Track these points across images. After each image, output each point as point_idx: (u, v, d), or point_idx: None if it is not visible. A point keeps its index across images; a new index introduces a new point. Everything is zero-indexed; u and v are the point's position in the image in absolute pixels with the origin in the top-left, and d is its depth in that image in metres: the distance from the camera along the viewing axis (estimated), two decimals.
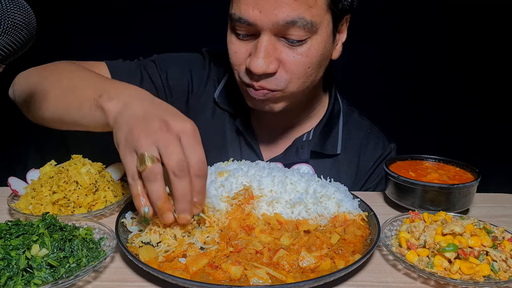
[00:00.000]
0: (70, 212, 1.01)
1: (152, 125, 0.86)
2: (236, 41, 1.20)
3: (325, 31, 1.16)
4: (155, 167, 0.83)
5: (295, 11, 1.08)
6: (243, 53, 1.20)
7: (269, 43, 1.13)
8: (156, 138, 0.84)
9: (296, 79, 1.18)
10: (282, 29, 1.11)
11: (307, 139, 1.39)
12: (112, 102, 0.97)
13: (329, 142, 1.41)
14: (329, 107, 1.44)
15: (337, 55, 1.29)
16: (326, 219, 0.99)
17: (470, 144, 2.36)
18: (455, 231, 0.85)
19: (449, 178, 1.13)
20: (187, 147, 0.86)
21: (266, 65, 1.13)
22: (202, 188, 0.89)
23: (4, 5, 0.78)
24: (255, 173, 1.07)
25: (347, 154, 1.43)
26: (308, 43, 1.14)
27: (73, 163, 1.09)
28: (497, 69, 2.47)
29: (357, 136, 1.46)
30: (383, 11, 2.31)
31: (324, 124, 1.41)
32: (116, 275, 0.82)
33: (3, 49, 0.79)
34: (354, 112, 1.51)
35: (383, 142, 1.48)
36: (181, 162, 0.84)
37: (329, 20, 1.17)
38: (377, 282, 0.82)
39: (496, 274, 0.80)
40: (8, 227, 0.82)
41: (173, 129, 0.86)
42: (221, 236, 0.90)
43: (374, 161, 1.44)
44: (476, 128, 2.46)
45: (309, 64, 1.17)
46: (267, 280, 0.77)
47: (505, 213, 1.15)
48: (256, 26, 1.12)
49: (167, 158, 0.84)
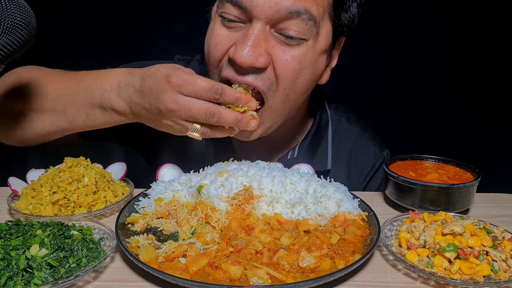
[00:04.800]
0: (70, 212, 1.01)
1: (161, 114, 0.97)
2: (220, 29, 1.05)
3: (323, 41, 1.07)
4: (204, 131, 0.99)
5: (303, 1, 0.98)
6: (225, 45, 1.04)
7: (261, 33, 1.00)
8: (176, 118, 0.97)
9: (283, 89, 1.06)
10: (280, 20, 0.99)
11: (292, 157, 1.28)
12: (116, 104, 1.06)
13: (317, 157, 1.30)
14: (316, 118, 1.33)
15: (325, 80, 1.20)
16: (326, 219, 0.99)
17: (470, 144, 2.36)
18: (455, 231, 0.85)
19: (449, 178, 1.13)
20: (191, 94, 0.95)
21: (255, 56, 0.99)
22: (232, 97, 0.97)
23: (4, 5, 0.78)
24: (255, 173, 1.07)
25: (338, 168, 1.32)
26: (304, 47, 1.04)
27: (73, 164, 1.09)
28: (498, 69, 2.47)
29: (345, 147, 1.35)
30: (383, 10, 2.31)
31: (311, 138, 1.30)
32: (116, 275, 0.82)
33: (3, 49, 0.80)
34: (342, 119, 1.38)
35: (374, 150, 1.37)
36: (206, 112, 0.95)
37: (329, 30, 1.08)
38: (377, 282, 0.82)
39: (496, 274, 0.80)
40: (8, 227, 0.82)
41: (170, 101, 0.95)
42: (221, 236, 0.90)
43: (366, 174, 1.34)
44: (476, 128, 2.46)
45: (299, 73, 1.05)
46: (267, 280, 0.77)
47: (505, 213, 1.15)
48: (251, 12, 0.98)
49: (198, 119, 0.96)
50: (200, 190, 1.02)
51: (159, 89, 0.96)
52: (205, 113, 0.96)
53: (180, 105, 0.95)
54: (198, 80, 0.95)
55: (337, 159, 1.33)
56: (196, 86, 0.94)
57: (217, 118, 0.97)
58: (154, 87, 0.96)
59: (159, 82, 0.96)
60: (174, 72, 0.95)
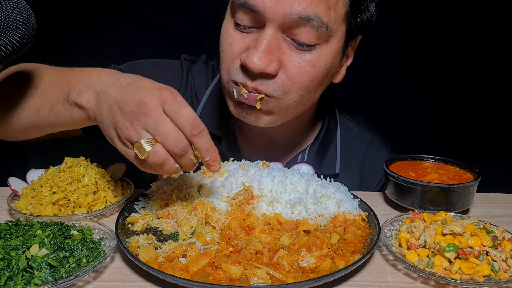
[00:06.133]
0: (70, 212, 1.01)
1: (131, 113, 0.81)
2: (233, 32, 1.03)
3: (336, 43, 1.04)
4: (157, 149, 0.80)
5: (314, 7, 0.95)
6: (239, 46, 1.03)
7: (273, 38, 0.98)
8: (141, 123, 0.81)
9: (296, 90, 1.04)
10: (292, 26, 0.97)
11: (301, 161, 1.26)
12: (83, 96, 0.92)
13: (326, 161, 1.28)
14: (324, 122, 1.31)
15: (340, 79, 1.17)
16: (326, 219, 0.99)
17: (470, 144, 2.36)
18: (455, 231, 0.85)
19: (449, 178, 1.13)
20: (172, 114, 0.81)
21: (266, 62, 0.98)
22: (206, 144, 0.84)
23: (4, 5, 0.78)
24: (255, 173, 1.07)
25: (347, 172, 1.30)
26: (317, 51, 1.01)
27: (73, 164, 1.09)
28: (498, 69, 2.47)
29: (357, 153, 1.33)
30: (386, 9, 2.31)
31: (320, 141, 1.28)
32: (116, 275, 0.82)
33: (3, 49, 0.80)
34: (352, 124, 1.37)
35: (386, 156, 1.35)
36: (176, 139, 0.81)
37: (343, 33, 1.05)
38: (377, 282, 0.82)
39: (496, 274, 0.80)
40: (8, 227, 0.82)
41: (152, 106, 0.81)
42: (221, 236, 0.90)
43: (379, 180, 1.33)
44: (476, 128, 2.46)
45: (314, 76, 1.03)
46: (267, 280, 0.77)
47: (505, 213, 1.15)
48: (263, 16, 0.96)
49: (161, 140, 0.81)
50: (200, 190, 1.02)
51: (148, 89, 0.85)
52: (173, 138, 0.82)
53: (154, 114, 0.82)
54: (186, 108, 0.84)
55: (348, 164, 1.31)
56: (181, 111, 0.83)
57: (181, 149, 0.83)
58: (145, 85, 0.87)
59: (153, 85, 0.87)
60: (172, 89, 0.86)
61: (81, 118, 0.94)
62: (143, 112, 0.81)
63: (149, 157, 0.81)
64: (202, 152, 0.85)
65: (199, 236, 0.90)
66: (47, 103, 0.99)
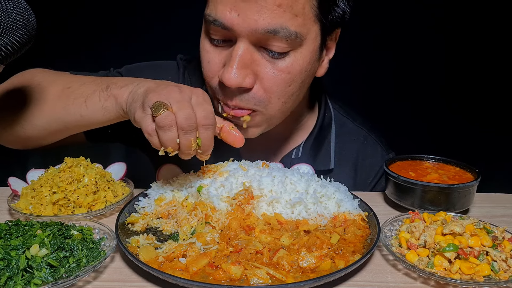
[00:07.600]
0: (70, 212, 1.01)
1: (165, 89, 0.93)
2: (209, 48, 1.06)
3: (311, 44, 1.04)
4: (169, 114, 0.88)
5: (278, 19, 0.95)
6: (216, 64, 1.06)
7: (246, 52, 1.00)
8: (168, 96, 0.91)
9: (276, 99, 1.05)
10: (261, 38, 0.98)
11: (296, 157, 1.27)
12: (122, 89, 1.02)
13: (320, 156, 1.29)
14: (319, 117, 1.31)
15: (323, 72, 1.17)
16: (326, 219, 0.99)
17: (470, 144, 2.37)
18: (455, 231, 0.85)
19: (449, 178, 1.13)
20: (196, 106, 0.91)
21: (241, 77, 0.99)
22: (208, 137, 0.93)
23: (4, 5, 0.78)
24: (255, 173, 1.07)
25: (342, 167, 1.31)
26: (291, 57, 1.02)
27: (73, 164, 1.09)
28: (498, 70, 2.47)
29: (352, 148, 1.34)
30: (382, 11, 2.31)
31: (315, 137, 1.29)
32: (116, 275, 0.82)
33: (3, 49, 0.80)
34: (347, 120, 1.37)
35: (381, 153, 1.36)
36: (189, 116, 0.89)
37: (317, 33, 1.05)
38: (377, 282, 0.82)
39: (496, 274, 0.80)
40: (8, 227, 0.82)
41: (185, 91, 0.93)
42: (221, 236, 0.90)
43: (373, 176, 1.34)
44: (476, 128, 2.46)
45: (290, 81, 1.04)
46: (267, 280, 0.77)
47: (505, 213, 1.15)
48: (233, 31, 0.98)
49: (177, 110, 0.89)
50: (200, 190, 1.02)
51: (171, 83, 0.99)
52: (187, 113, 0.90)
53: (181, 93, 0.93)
54: (209, 104, 0.95)
55: (342, 160, 1.32)
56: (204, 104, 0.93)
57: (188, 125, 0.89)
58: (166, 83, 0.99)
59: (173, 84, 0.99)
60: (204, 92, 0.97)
61: (113, 108, 1.04)
62: (175, 90, 0.93)
63: (160, 116, 0.88)
64: (202, 142, 0.93)
65: (199, 236, 0.90)
66: (79, 98, 1.08)
